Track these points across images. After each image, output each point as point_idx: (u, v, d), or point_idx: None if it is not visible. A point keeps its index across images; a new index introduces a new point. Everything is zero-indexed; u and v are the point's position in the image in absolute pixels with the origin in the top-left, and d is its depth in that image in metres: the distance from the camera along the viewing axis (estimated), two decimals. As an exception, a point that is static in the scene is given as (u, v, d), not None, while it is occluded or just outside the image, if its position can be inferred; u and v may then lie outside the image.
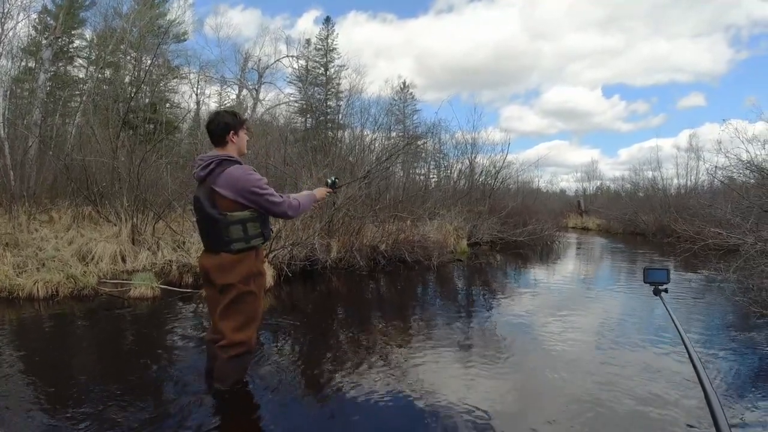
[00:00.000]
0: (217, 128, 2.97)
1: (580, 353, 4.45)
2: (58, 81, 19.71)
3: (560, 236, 18.37)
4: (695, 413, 3.05)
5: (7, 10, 14.03)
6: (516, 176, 20.80)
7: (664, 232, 17.48)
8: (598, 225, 28.17)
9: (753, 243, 6.52)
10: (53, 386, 3.24)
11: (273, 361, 3.92)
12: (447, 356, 4.20)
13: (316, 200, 3.32)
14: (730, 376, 3.89)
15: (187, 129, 21.56)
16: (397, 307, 6.64)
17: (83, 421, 2.70)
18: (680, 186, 25.78)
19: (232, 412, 2.94)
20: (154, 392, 3.19)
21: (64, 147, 12.37)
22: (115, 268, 6.82)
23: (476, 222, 14.49)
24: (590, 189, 42.08)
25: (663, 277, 2.14)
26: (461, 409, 3.04)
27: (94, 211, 9.01)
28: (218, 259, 2.90)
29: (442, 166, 23.01)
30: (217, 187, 2.83)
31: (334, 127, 25.36)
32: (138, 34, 19.33)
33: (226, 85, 26.42)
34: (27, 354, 3.99)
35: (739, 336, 5.14)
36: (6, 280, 5.79)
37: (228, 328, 2.93)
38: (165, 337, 4.65)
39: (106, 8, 19.90)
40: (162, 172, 9.63)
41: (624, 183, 33.10)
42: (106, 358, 4.00)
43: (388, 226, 10.08)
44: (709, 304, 6.93)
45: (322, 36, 30.91)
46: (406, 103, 32.56)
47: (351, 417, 2.95)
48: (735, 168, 9.82)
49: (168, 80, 22.89)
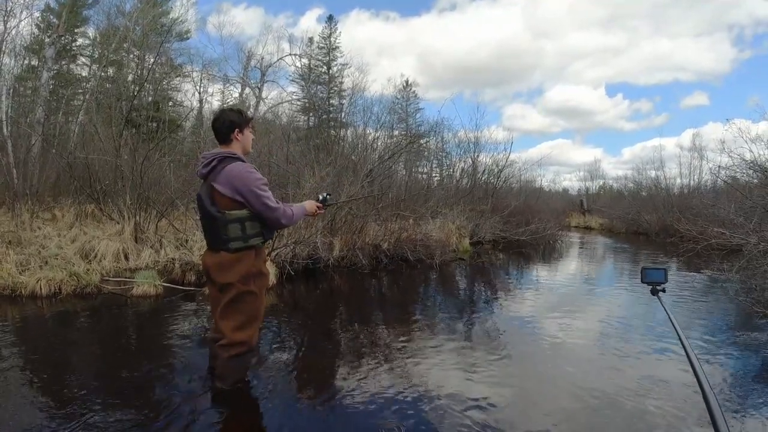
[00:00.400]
0: (222, 126, 2.96)
1: (582, 353, 4.45)
2: (61, 79, 19.76)
3: (563, 235, 18.33)
4: (694, 414, 3.04)
5: (11, 8, 14.09)
6: (519, 175, 20.81)
7: (667, 232, 17.42)
8: (600, 224, 28.06)
9: (756, 243, 6.49)
10: (55, 384, 3.25)
11: (275, 360, 3.92)
12: (449, 355, 4.20)
13: (306, 213, 3.26)
14: (732, 377, 3.88)
15: (189, 127, 21.57)
16: (400, 306, 6.64)
17: (84, 419, 2.71)
18: (683, 185, 25.70)
19: (234, 412, 2.94)
20: (156, 390, 3.19)
21: (67, 145, 12.41)
22: (118, 266, 6.84)
23: (479, 221, 14.48)
24: (593, 188, 42.01)
25: (660, 276, 2.14)
26: (463, 409, 3.05)
27: (97, 209, 9.03)
28: (218, 257, 2.90)
29: (444, 165, 22.96)
30: (217, 184, 2.82)
31: (337, 125, 25.34)
32: (141, 33, 19.36)
33: (229, 84, 26.45)
34: (29, 352, 4.01)
35: (742, 336, 5.13)
36: (9, 277, 5.80)
37: (228, 328, 2.93)
38: (167, 335, 4.65)
39: (109, 6, 20.00)
40: (165, 171, 9.63)
41: (627, 182, 33.00)
42: (109, 356, 4.01)
43: (390, 224, 10.08)
44: (711, 305, 6.91)
45: (324, 34, 30.96)
46: (408, 101, 32.60)
47: (353, 416, 2.95)
48: (738, 168, 9.83)
49: (171, 78, 22.93)
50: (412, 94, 32.84)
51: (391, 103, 26.37)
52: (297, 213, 3.11)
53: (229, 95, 26.51)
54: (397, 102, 30.67)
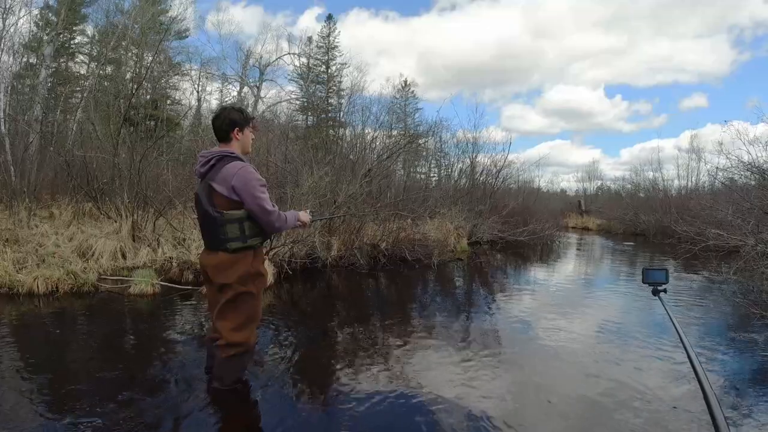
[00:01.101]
0: (222, 124, 2.94)
1: (580, 353, 4.44)
2: (60, 77, 19.73)
3: (560, 236, 18.37)
4: (694, 414, 3.05)
5: (9, 5, 14.06)
6: (517, 176, 20.79)
7: (665, 233, 17.47)
8: (598, 225, 28.12)
9: (754, 245, 6.52)
10: (52, 383, 3.23)
11: (273, 360, 3.92)
12: (447, 355, 4.20)
13: (298, 219, 3.22)
14: (730, 378, 3.89)
15: (188, 126, 21.54)
16: (398, 306, 6.64)
17: (81, 418, 2.70)
18: (681, 187, 25.81)
19: (231, 412, 2.94)
20: (153, 390, 3.18)
21: (64, 143, 12.37)
22: (116, 264, 6.82)
23: (477, 221, 14.48)
24: (591, 189, 42.10)
25: (662, 277, 2.14)
26: (461, 409, 3.05)
27: (94, 208, 8.99)
28: (216, 258, 2.88)
29: (443, 165, 23.03)
30: (215, 183, 2.81)
31: (336, 125, 25.36)
32: (139, 31, 19.31)
33: (228, 83, 26.52)
34: (26, 350, 3.99)
35: (739, 337, 5.14)
36: (6, 276, 5.78)
37: (225, 328, 2.92)
38: (164, 334, 4.64)
39: (107, 4, 19.95)
40: (163, 169, 9.62)
41: (625, 183, 33.13)
42: (106, 355, 3.99)
43: (388, 224, 10.07)
44: (709, 306, 6.91)
45: (323, 34, 31.00)
46: (407, 101, 32.62)
47: (351, 416, 2.94)
48: (736, 169, 9.84)
49: (169, 77, 22.88)
50: (410, 94, 32.94)
51: (390, 103, 26.43)
52: (290, 219, 3.08)
53: (227, 94, 26.58)
54: (396, 102, 30.75)
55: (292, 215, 3.13)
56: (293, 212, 3.18)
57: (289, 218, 3.07)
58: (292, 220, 3.12)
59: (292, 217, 3.11)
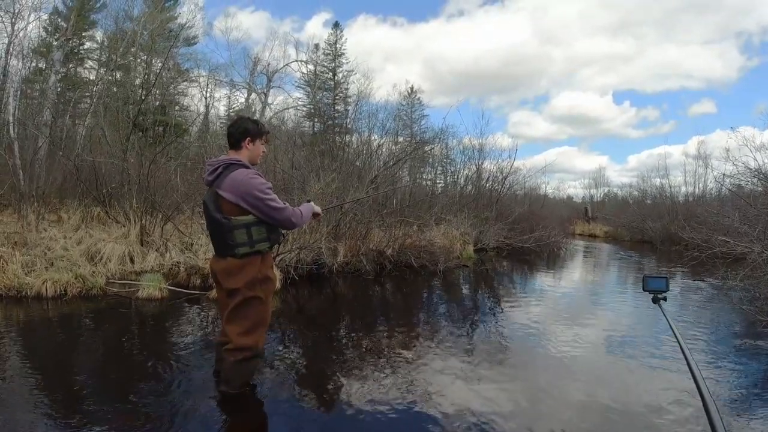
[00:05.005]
0: (236, 131, 3.02)
1: (584, 361, 4.44)
2: (69, 82, 19.93)
3: (567, 243, 18.27)
4: (695, 423, 3.03)
5: (18, 10, 14.25)
6: (523, 182, 20.74)
7: (672, 240, 17.37)
8: (605, 232, 27.98)
9: (760, 251, 6.48)
10: (59, 386, 3.27)
11: (280, 365, 3.94)
12: (452, 362, 4.20)
13: (313, 212, 3.30)
14: (733, 386, 3.87)
15: (196, 132, 21.69)
16: (403, 312, 6.65)
17: (88, 421, 2.73)
18: (688, 193, 25.65)
19: (239, 415, 2.96)
20: (161, 393, 3.21)
21: (73, 148, 12.47)
22: (124, 268, 6.86)
23: (483, 228, 14.45)
24: (597, 196, 41.88)
25: (662, 285, 2.15)
26: (466, 415, 3.05)
27: (103, 212, 9.06)
28: (225, 263, 2.93)
29: (449, 172, 22.98)
30: (221, 190, 2.86)
31: (342, 131, 25.42)
32: (148, 37, 19.50)
33: (235, 89, 26.65)
34: (34, 353, 4.04)
35: (744, 345, 5.11)
36: (15, 279, 5.84)
37: (234, 332, 2.95)
38: (172, 338, 4.68)
39: (117, 11, 20.18)
40: (171, 175, 9.69)
41: (631, 190, 32.93)
42: (113, 359, 4.03)
43: (394, 230, 10.08)
44: (715, 313, 6.88)
45: (330, 41, 31.20)
46: (413, 108, 32.68)
47: (356, 422, 2.96)
48: (743, 176, 9.80)
49: (178, 83, 23.07)
50: (417, 100, 32.97)
51: (396, 109, 26.40)
52: (306, 213, 3.16)
53: (235, 100, 26.76)
54: (402, 108, 30.74)
55: (307, 208, 3.19)
56: (306, 205, 3.24)
57: (305, 212, 3.14)
58: (308, 214, 3.19)
59: (307, 211, 3.17)
